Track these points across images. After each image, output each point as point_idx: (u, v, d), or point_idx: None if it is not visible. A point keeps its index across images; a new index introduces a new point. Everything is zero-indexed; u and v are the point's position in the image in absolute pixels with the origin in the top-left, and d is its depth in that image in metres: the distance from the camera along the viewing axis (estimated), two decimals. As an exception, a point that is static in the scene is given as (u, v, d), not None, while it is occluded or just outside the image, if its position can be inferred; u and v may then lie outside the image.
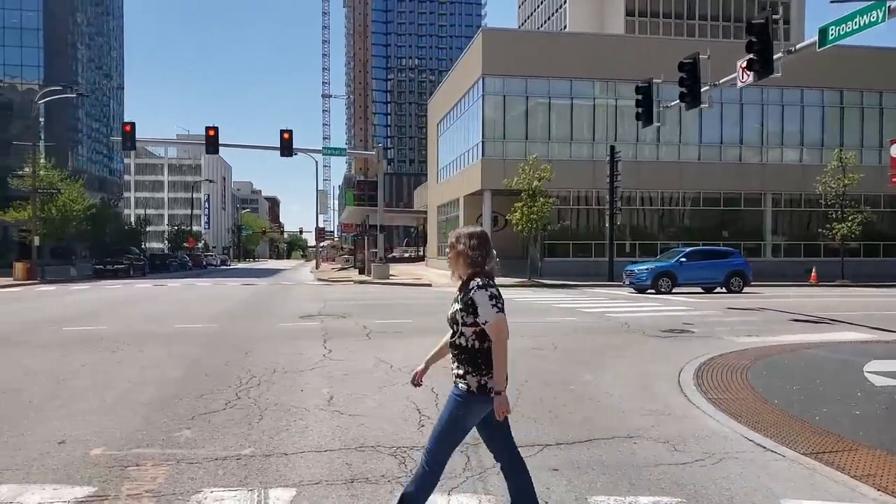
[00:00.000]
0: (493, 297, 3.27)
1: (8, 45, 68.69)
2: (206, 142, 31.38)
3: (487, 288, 3.28)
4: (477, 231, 3.51)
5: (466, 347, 3.33)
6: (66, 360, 8.84)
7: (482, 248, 3.41)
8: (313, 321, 13.67)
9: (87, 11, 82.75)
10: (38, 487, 4.17)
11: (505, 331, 3.29)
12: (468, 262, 3.40)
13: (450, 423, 3.38)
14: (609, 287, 27.35)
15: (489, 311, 3.24)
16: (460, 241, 3.44)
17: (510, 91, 34.30)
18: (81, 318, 14.27)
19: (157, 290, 26.24)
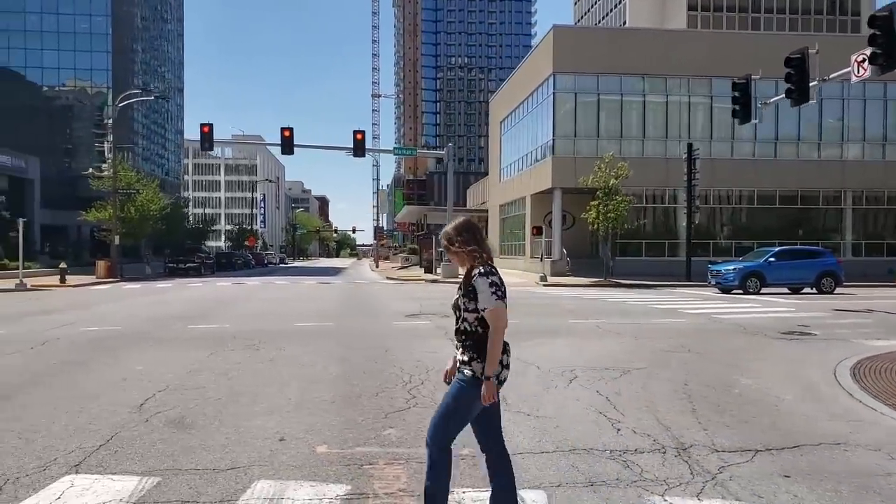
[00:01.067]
0: (493, 284, 3.28)
1: (79, 49, 71.15)
2: (282, 143, 31.88)
3: (489, 276, 3.29)
4: (461, 224, 3.50)
5: (470, 333, 3.34)
6: (218, 357, 9.05)
7: (473, 240, 3.42)
8: (422, 320, 13.74)
9: (150, 16, 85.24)
10: (294, 484, 4.25)
11: (503, 319, 3.27)
12: (468, 258, 3.41)
13: (453, 410, 3.38)
14: (690, 287, 26.84)
15: (489, 298, 3.25)
16: (453, 241, 3.44)
17: (581, 88, 33.99)
18: (198, 317, 14.62)
19: (240, 288, 26.82)
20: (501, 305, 3.27)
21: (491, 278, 3.29)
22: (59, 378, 7.62)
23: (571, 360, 8.91)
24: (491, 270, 3.33)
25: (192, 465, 4.58)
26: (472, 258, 3.39)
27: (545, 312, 15.53)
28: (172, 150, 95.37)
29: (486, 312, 3.27)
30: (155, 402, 6.40)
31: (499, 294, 3.27)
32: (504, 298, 3.31)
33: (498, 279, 3.31)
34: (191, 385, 7.21)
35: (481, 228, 3.63)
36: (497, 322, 3.26)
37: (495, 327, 3.26)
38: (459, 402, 3.36)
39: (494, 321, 3.26)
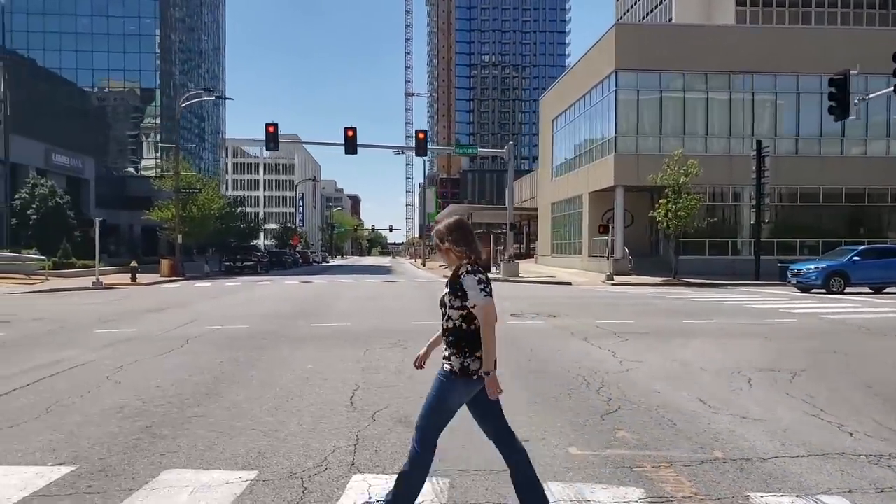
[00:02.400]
0: (481, 281, 3.34)
1: (128, 51, 72.45)
2: (345, 142, 32.10)
3: (476, 273, 3.36)
4: (453, 224, 3.54)
5: (453, 329, 3.41)
6: (375, 355, 9.08)
7: (465, 239, 3.47)
8: (532, 319, 13.67)
9: (194, 18, 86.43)
10: (584, 486, 4.21)
11: (492, 314, 3.33)
12: (458, 256, 3.46)
13: (436, 404, 3.43)
14: (761, 286, 26.43)
15: (477, 295, 3.31)
16: (444, 240, 3.49)
17: (643, 86, 33.63)
18: (310, 315, 14.72)
19: (314, 287, 27.05)
20: (490, 300, 3.34)
21: (478, 275, 3.36)
22: (247, 376, 7.69)
23: (729, 362, 8.77)
24: (477, 269, 3.39)
25: (469, 464, 4.56)
26: (461, 257, 3.45)
27: (646, 312, 15.35)
28: (209, 150, 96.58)
29: (475, 309, 3.32)
30: (362, 401, 6.42)
31: (487, 290, 3.34)
32: (491, 294, 3.37)
33: (485, 277, 3.39)
34: (382, 384, 7.23)
35: (472, 228, 3.66)
36: (487, 317, 3.32)
37: (486, 322, 3.32)
38: (439, 396, 3.43)
39: (484, 316, 3.32)
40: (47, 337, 11.14)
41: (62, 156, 48.40)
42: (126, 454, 4.78)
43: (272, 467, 4.52)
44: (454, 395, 3.43)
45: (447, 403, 3.46)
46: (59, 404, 6.26)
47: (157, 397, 6.57)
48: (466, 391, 3.43)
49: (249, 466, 4.51)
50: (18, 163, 40.98)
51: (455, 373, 3.40)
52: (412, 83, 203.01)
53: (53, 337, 11.14)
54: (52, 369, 8.06)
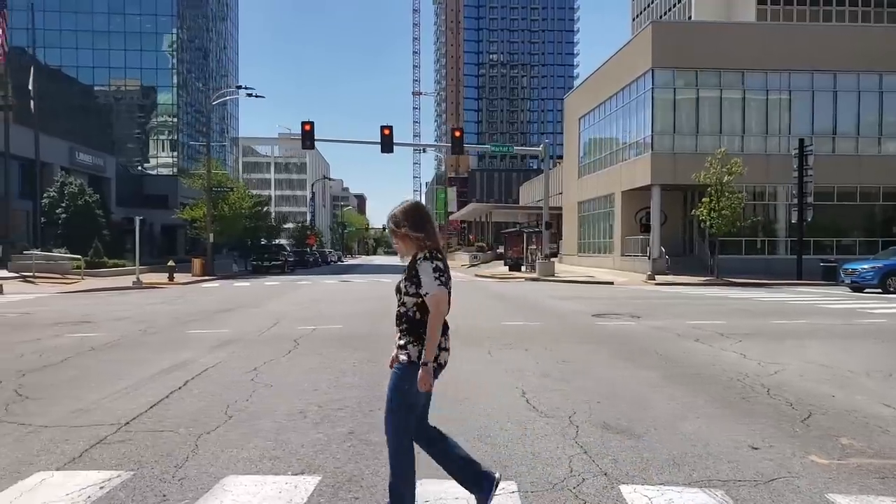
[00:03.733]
0: (437, 269, 3.22)
1: (145, 49, 72.28)
2: (382, 141, 31.93)
3: (433, 260, 3.23)
4: (410, 208, 3.40)
5: (408, 317, 3.28)
6: (503, 355, 8.89)
7: (423, 224, 3.33)
8: (619, 320, 13.43)
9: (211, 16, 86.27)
10: (876, 501, 4.01)
11: (444, 304, 3.21)
12: (415, 242, 3.32)
13: (398, 400, 3.28)
14: (810, 285, 26.21)
15: (431, 283, 3.20)
16: (400, 224, 3.34)
17: (680, 84, 33.38)
18: (385, 316, 14.54)
19: (356, 286, 26.89)
20: (444, 291, 3.20)
21: (435, 263, 3.23)
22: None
23: (869, 363, 8.54)
24: (435, 255, 3.26)
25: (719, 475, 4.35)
26: (418, 244, 3.30)
27: (724, 312, 15.12)
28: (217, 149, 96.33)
29: (427, 297, 3.20)
30: (543, 404, 6.20)
31: (441, 280, 3.21)
32: (447, 284, 3.23)
33: (442, 264, 3.26)
34: (545, 386, 7.02)
35: (430, 214, 3.49)
36: (438, 307, 3.19)
37: (435, 312, 3.19)
38: (400, 390, 3.27)
39: (435, 306, 3.19)
40: (145, 338, 10.93)
41: (85, 154, 48.22)
42: (357, 462, 4.57)
43: (527, 475, 4.31)
44: (416, 387, 3.23)
45: (411, 396, 3.28)
46: (235, 409, 6.05)
47: (330, 401, 6.36)
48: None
49: (506, 476, 4.29)
50: (45, 161, 40.77)
51: (413, 362, 3.24)
52: (419, 82, 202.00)
53: (150, 338, 10.93)
54: (187, 371, 7.86)
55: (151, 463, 4.56)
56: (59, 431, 5.36)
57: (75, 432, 5.32)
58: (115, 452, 4.81)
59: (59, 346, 9.99)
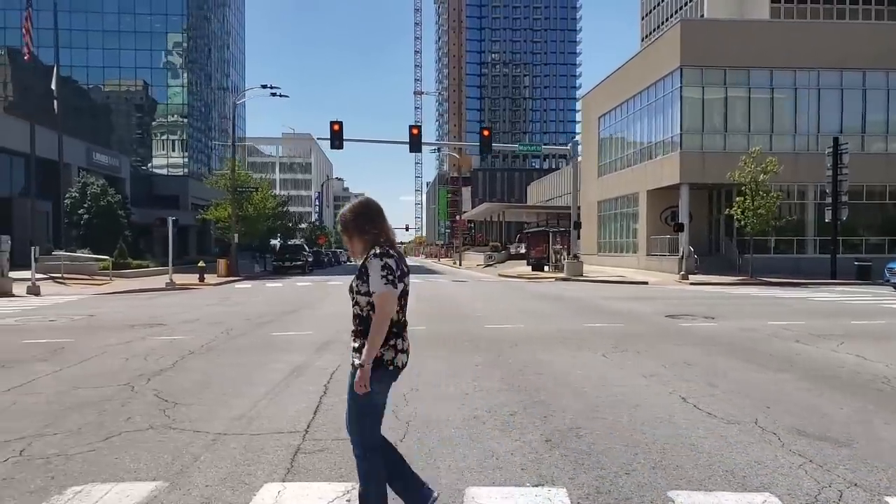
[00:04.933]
0: (385, 267, 3.10)
1: (154, 48, 71.95)
2: (410, 141, 31.83)
3: (382, 257, 3.12)
4: (359, 206, 3.32)
5: (362, 318, 3.17)
6: (618, 357, 8.74)
7: (372, 222, 3.24)
8: (694, 321, 13.28)
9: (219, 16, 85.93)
10: None
11: (390, 304, 3.09)
12: (362, 243, 3.24)
13: (360, 405, 3.18)
14: (848, 284, 26.13)
15: (377, 282, 3.08)
16: (348, 226, 3.27)
17: (708, 82, 33.26)
18: (470, 316, 14.37)
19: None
20: (390, 290, 3.08)
21: (385, 260, 3.11)
22: (574, 379, 7.32)
23: None
24: (387, 252, 3.15)
25: None
26: (370, 242, 3.21)
27: (790, 313, 14.98)
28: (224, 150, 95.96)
29: (374, 296, 3.08)
30: (708, 407, 6.05)
31: (389, 278, 3.08)
32: (395, 283, 3.10)
33: (393, 262, 3.13)
34: (704, 392, 6.86)
35: (382, 210, 3.36)
36: (383, 307, 3.07)
37: (379, 312, 3.07)
38: (363, 397, 3.15)
39: (381, 306, 3.07)
40: (235, 341, 10.73)
41: (101, 155, 47.99)
42: (587, 473, 4.39)
43: (774, 487, 4.14)
44: (375, 390, 3.16)
45: (374, 399, 3.19)
46: (404, 415, 5.87)
47: (493, 405, 6.17)
48: (388, 382, 3.22)
49: (752, 488, 4.12)
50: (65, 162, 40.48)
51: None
52: (421, 82, 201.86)
53: (239, 341, 10.74)
54: (315, 375, 7.70)
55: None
56: (244, 440, 5.18)
57: (262, 440, 5.15)
58: (323, 462, 4.64)
59: (153, 348, 9.80)
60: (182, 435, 5.32)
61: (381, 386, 3.20)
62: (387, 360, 3.16)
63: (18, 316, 14.89)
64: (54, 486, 4.22)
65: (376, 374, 3.13)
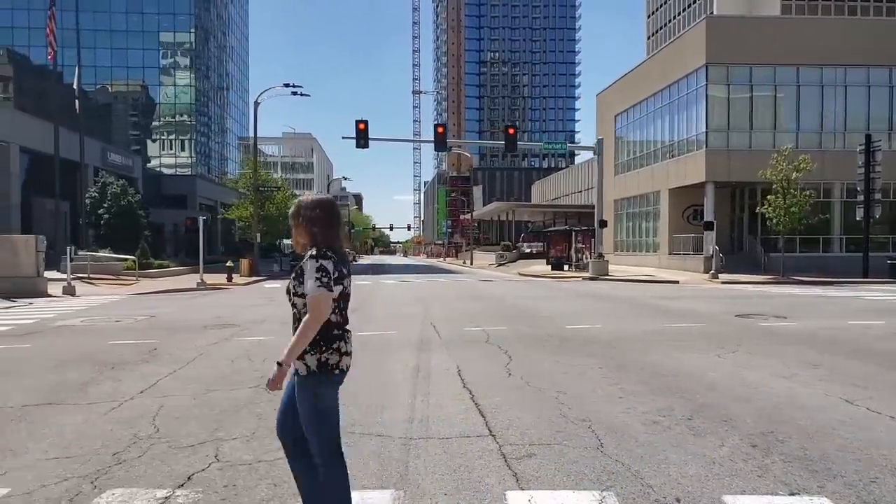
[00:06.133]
0: (320, 269, 2.98)
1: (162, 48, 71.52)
2: (436, 139, 31.68)
3: (318, 259, 3.00)
4: (320, 201, 3.22)
5: (300, 320, 3.05)
6: (723, 361, 8.61)
7: (324, 220, 3.14)
8: (767, 321, 13.14)
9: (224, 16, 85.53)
10: None
11: (322, 308, 2.96)
12: (308, 235, 3.14)
13: (313, 413, 3.08)
14: (883, 283, 26.08)
15: (311, 284, 2.96)
16: (300, 214, 3.17)
17: (734, 80, 33.21)
18: (528, 316, 14.23)
19: (425, 286, 26.63)
20: (323, 293, 2.95)
21: (321, 262, 3.00)
22: (722, 384, 7.19)
23: None
24: (324, 254, 3.03)
25: None
26: (311, 238, 3.11)
27: (852, 311, 14.89)
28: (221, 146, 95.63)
29: (307, 298, 2.98)
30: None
31: (323, 281, 2.96)
32: (329, 286, 2.98)
33: (330, 265, 3.01)
34: (866, 395, 6.73)
35: (339, 214, 3.29)
36: (316, 310, 2.95)
37: (313, 315, 2.95)
38: (310, 404, 3.07)
39: (314, 308, 2.95)
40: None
41: (115, 154, 47.68)
42: (832, 480, 4.26)
43: None
44: (326, 394, 3.09)
45: (325, 405, 3.10)
46: (586, 419, 5.73)
47: (653, 409, 6.03)
48: (335, 386, 3.12)
49: None
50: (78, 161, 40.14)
51: (314, 372, 3.04)
52: (419, 81, 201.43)
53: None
54: (451, 377, 7.53)
55: (627, 479, 4.24)
56: (436, 444, 5.02)
57: (456, 445, 4.99)
58: (542, 467, 4.48)
59: (247, 349, 9.62)
60: (367, 440, 5.16)
61: (330, 390, 3.11)
62: (332, 363, 3.07)
63: (74, 317, 14.66)
64: (287, 495, 4.06)
65: (324, 379, 3.06)
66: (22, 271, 22.52)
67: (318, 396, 3.07)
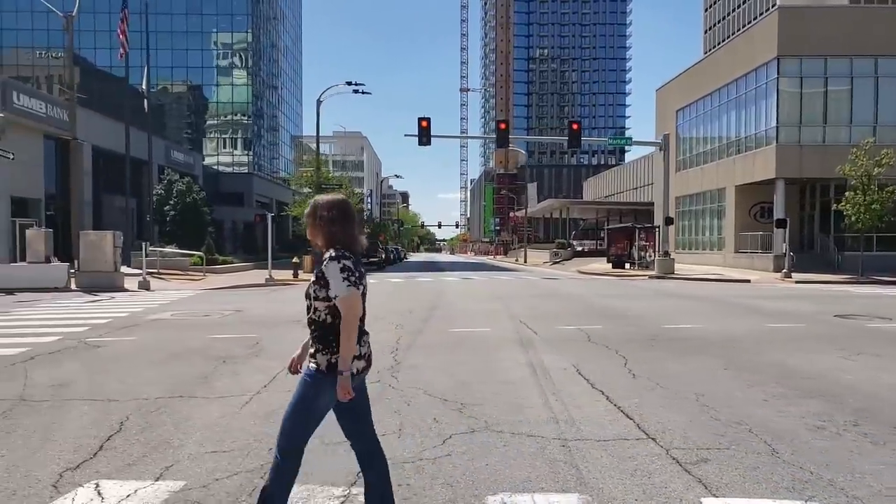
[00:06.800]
0: (345, 269, 3.02)
1: (221, 48, 72.88)
2: (498, 136, 31.45)
3: (340, 260, 3.03)
4: (336, 202, 3.22)
5: (319, 323, 3.10)
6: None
7: (342, 220, 3.14)
8: (872, 323, 12.57)
9: (279, 16, 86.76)
10: None
11: (356, 307, 3.01)
12: (326, 236, 3.13)
13: (301, 407, 3.09)
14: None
15: (340, 285, 2.99)
16: (318, 215, 3.17)
17: (808, 72, 32.07)
18: (636, 317, 13.93)
19: (482, 284, 26.38)
20: (354, 292, 3.00)
21: (343, 262, 3.03)
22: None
23: None
24: (343, 255, 3.06)
25: None
26: (329, 240, 3.12)
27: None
28: (275, 145, 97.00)
29: (338, 300, 2.99)
30: None
31: (351, 280, 3.00)
32: (357, 285, 3.03)
33: (351, 263, 3.05)
34: None
35: (356, 213, 3.30)
36: (349, 310, 2.98)
37: (348, 315, 2.98)
38: (305, 398, 3.09)
39: (346, 309, 2.98)
40: (429, 338, 10.46)
41: (178, 152, 48.78)
42: None
43: None
44: (323, 397, 3.08)
45: (315, 406, 3.11)
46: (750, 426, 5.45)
47: (856, 411, 5.72)
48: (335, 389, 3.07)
49: None
50: (145, 160, 41.16)
51: (322, 371, 3.05)
52: (467, 79, 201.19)
53: (432, 338, 10.46)
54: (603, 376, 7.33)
55: (826, 489, 3.98)
56: (595, 446, 4.82)
57: (617, 448, 4.78)
58: (725, 474, 4.24)
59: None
60: (520, 439, 4.99)
61: (328, 393, 3.08)
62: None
63: (160, 311, 14.90)
64: (468, 496, 3.90)
65: (328, 380, 3.05)
66: (101, 266, 23.15)
67: (316, 395, 3.09)
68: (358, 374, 3.14)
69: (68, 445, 4.92)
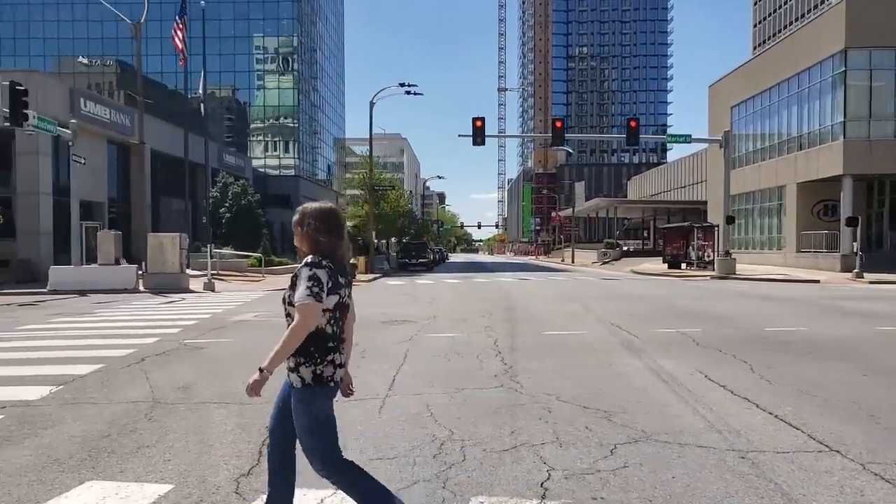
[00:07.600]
0: (313, 277, 2.92)
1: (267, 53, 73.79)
2: (553, 134, 31.09)
3: (312, 267, 2.95)
4: (325, 210, 3.16)
5: None
6: None
7: (327, 230, 3.08)
8: None
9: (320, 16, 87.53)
10: None
11: (311, 317, 2.89)
12: (311, 244, 3.08)
13: (314, 427, 3.01)
14: None
15: (301, 292, 2.90)
16: (303, 223, 3.11)
17: (876, 64, 31.00)
18: (724, 319, 13.56)
19: (537, 284, 26.09)
20: (312, 303, 2.88)
21: (314, 270, 2.94)
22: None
23: None
24: (318, 263, 2.97)
25: None
26: (314, 248, 3.05)
27: None
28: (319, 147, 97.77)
29: (297, 306, 2.91)
30: None
31: (313, 290, 2.89)
32: (319, 296, 2.90)
33: (324, 274, 2.95)
34: None
35: (342, 222, 3.23)
36: (304, 319, 2.88)
37: (300, 324, 2.88)
38: (307, 418, 3.00)
39: (302, 317, 2.88)
40: (525, 341, 10.25)
41: (229, 156, 49.45)
42: None
43: None
44: (323, 407, 3.03)
45: (321, 417, 3.02)
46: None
47: None
48: (329, 398, 3.06)
49: None
50: (199, 163, 41.82)
51: (309, 385, 2.99)
52: (505, 78, 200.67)
53: (528, 341, 10.25)
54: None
55: None
56: (808, 459, 4.54)
57: (830, 460, 4.50)
58: (943, 492, 3.93)
59: (451, 347, 9.40)
60: (692, 450, 4.75)
61: (324, 402, 3.06)
62: (327, 376, 3.03)
63: (238, 313, 15.00)
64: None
65: (318, 392, 3.01)
66: (167, 268, 23.51)
67: (319, 409, 3.05)
68: (339, 383, 3.11)
69: (227, 450, 4.85)
